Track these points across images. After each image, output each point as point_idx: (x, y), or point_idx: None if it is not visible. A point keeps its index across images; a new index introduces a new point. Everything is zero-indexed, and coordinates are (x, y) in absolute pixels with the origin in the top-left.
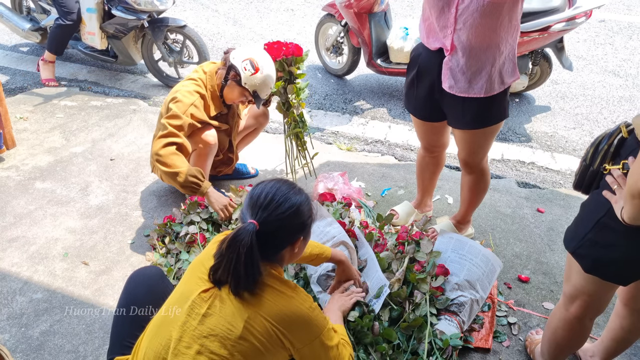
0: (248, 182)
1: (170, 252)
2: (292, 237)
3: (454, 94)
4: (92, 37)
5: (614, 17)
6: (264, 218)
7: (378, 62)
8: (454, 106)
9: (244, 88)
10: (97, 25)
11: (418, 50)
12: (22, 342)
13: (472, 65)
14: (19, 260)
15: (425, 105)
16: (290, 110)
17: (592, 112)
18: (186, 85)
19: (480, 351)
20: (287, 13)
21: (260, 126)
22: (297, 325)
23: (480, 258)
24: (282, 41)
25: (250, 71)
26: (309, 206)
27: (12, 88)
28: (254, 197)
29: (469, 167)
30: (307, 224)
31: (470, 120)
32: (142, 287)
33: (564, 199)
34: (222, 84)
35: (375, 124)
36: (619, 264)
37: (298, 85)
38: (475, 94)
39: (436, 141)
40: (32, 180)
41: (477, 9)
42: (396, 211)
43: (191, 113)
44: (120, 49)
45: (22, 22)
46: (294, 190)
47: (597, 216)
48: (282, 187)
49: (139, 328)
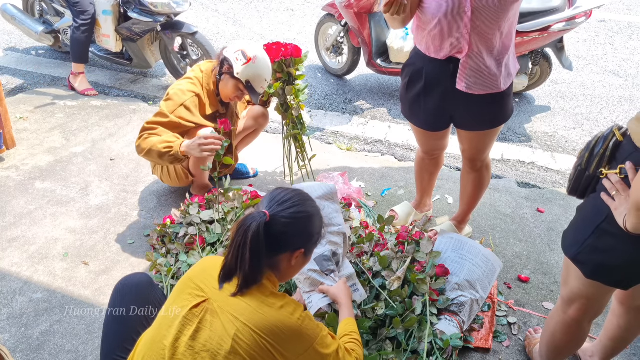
0: (248, 182)
1: (171, 252)
2: (296, 244)
3: (472, 93)
4: (107, 40)
5: (614, 17)
6: (277, 212)
7: (378, 62)
8: (469, 108)
9: (238, 80)
10: (113, 27)
11: (417, 64)
12: (22, 342)
13: (491, 61)
14: (19, 260)
15: (436, 116)
16: (289, 112)
17: (592, 112)
18: (181, 84)
19: (480, 351)
20: (287, 13)
21: (260, 127)
22: (287, 337)
23: (480, 258)
24: (282, 42)
25: (242, 61)
26: (320, 223)
27: (12, 88)
28: (274, 193)
29: (475, 163)
30: (313, 237)
31: (489, 120)
32: (130, 296)
33: (564, 199)
34: (217, 79)
35: (375, 124)
36: (620, 269)
37: (297, 87)
38: (495, 89)
39: (438, 145)
40: (32, 180)
41: (495, 6)
42: (396, 211)
43: (179, 114)
44: (135, 52)
45: (35, 25)
46: (312, 202)
47: (596, 222)
48: (303, 195)
49: (129, 341)
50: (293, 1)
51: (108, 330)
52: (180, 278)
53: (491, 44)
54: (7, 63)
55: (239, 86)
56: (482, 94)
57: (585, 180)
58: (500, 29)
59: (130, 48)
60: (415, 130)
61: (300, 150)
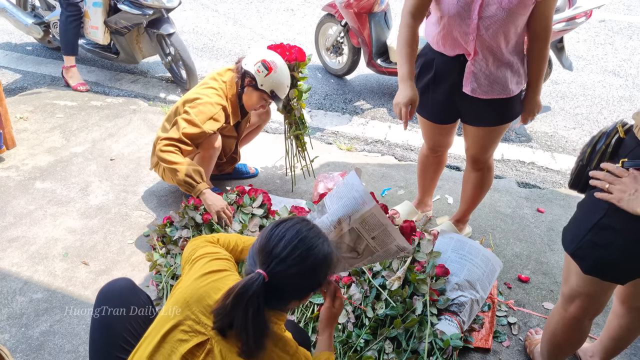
0: (248, 182)
1: (170, 252)
2: (305, 293)
3: (477, 97)
4: (95, 32)
5: (614, 17)
6: (278, 271)
7: (378, 62)
8: (475, 107)
9: (262, 91)
10: (102, 19)
11: (428, 55)
12: (22, 342)
13: (496, 69)
14: (19, 260)
15: (442, 108)
16: (292, 113)
17: (592, 112)
18: (209, 95)
19: (480, 351)
20: (287, 13)
21: (262, 123)
22: None
23: (481, 258)
24: (285, 44)
25: (264, 72)
26: (331, 260)
27: (12, 88)
28: (271, 242)
29: (478, 163)
30: (324, 280)
31: (492, 119)
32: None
33: (564, 199)
34: (240, 92)
35: (375, 124)
36: (617, 264)
37: (300, 89)
38: (498, 95)
39: (443, 141)
40: (32, 180)
41: (502, 17)
42: (396, 211)
43: (210, 127)
44: (122, 46)
45: (25, 17)
46: (320, 241)
47: (595, 217)
48: (306, 238)
49: (117, 347)
50: (293, 1)
51: (94, 337)
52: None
53: (498, 51)
54: (7, 63)
55: (263, 97)
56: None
57: (586, 175)
58: (507, 38)
59: (118, 41)
60: (422, 122)
61: (302, 150)
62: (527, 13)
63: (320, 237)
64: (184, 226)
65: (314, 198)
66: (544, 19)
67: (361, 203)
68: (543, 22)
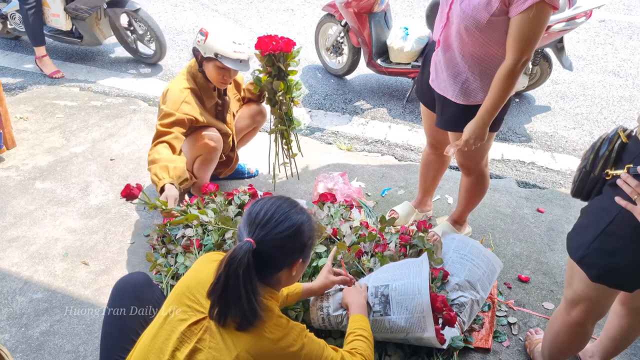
0: (247, 182)
1: (171, 252)
2: (291, 259)
3: (436, 91)
4: (56, 19)
5: (614, 17)
6: (262, 236)
7: (378, 62)
8: (438, 102)
9: (210, 59)
10: (62, 6)
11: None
12: (22, 342)
13: (450, 67)
14: (19, 260)
15: (425, 89)
16: (276, 107)
17: (592, 112)
18: (176, 82)
19: (480, 351)
20: (287, 13)
21: (258, 125)
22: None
23: (481, 258)
24: (274, 35)
25: (202, 39)
26: (311, 226)
27: (12, 88)
28: (252, 214)
29: (465, 169)
30: (307, 245)
31: (443, 119)
32: (129, 295)
33: (564, 199)
34: (201, 71)
35: (375, 124)
36: (626, 272)
37: (289, 83)
38: (450, 96)
39: (441, 137)
40: (32, 180)
41: (460, 16)
42: (396, 211)
43: (184, 111)
44: (84, 30)
45: None
46: (295, 209)
47: (602, 224)
48: (283, 205)
49: (128, 340)
50: (293, 1)
51: (107, 329)
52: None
53: (452, 52)
54: (7, 63)
55: (216, 64)
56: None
57: (590, 182)
58: (462, 41)
59: (79, 26)
60: (421, 110)
61: (287, 148)
62: (480, 27)
63: (295, 205)
64: (186, 225)
65: (313, 198)
66: (509, 42)
67: (423, 328)
68: (510, 43)
